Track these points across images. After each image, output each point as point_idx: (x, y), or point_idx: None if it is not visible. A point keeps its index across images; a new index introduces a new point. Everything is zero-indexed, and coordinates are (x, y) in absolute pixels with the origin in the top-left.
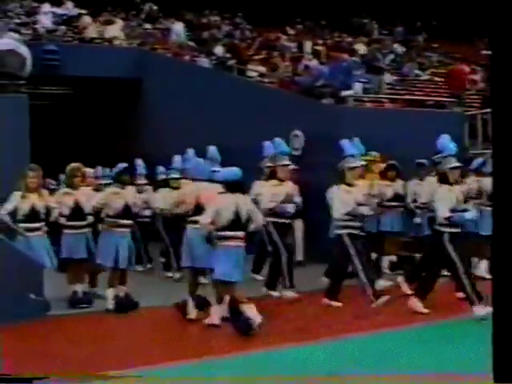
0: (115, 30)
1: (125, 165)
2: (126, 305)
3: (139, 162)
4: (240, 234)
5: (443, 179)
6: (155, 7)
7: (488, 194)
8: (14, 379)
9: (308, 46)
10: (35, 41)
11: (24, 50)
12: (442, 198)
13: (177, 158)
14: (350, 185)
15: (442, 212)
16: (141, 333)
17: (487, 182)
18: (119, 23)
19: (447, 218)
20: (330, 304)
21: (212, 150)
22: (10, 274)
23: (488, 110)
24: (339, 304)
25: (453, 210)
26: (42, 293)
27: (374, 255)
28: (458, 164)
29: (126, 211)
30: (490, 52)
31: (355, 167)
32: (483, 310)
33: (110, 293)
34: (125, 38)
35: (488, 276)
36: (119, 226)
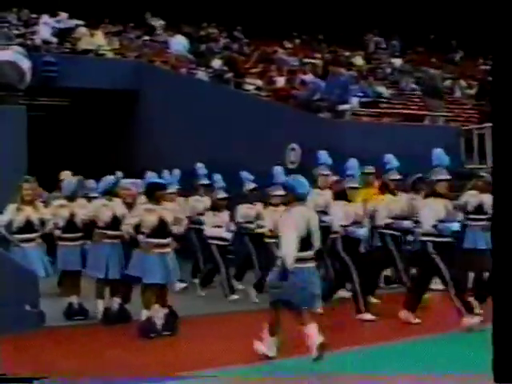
0: (99, 40)
1: (113, 178)
2: (115, 317)
3: (167, 173)
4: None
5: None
6: (163, 22)
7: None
8: (14, 379)
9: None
10: (33, 52)
11: (25, 63)
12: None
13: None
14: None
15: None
16: (132, 344)
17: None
18: (100, 33)
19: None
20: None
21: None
22: (5, 286)
23: (484, 125)
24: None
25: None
26: (38, 304)
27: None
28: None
29: (115, 223)
30: (490, 65)
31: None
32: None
33: (99, 304)
34: (108, 47)
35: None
36: (108, 237)
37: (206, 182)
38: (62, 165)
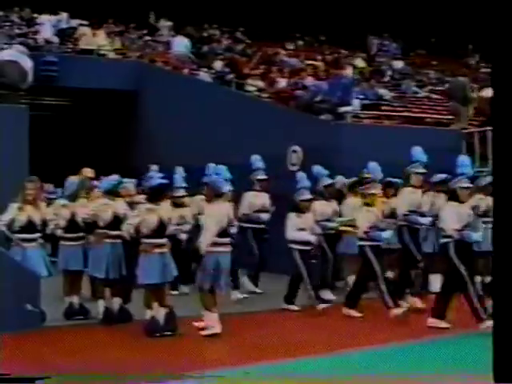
0: (101, 40)
1: (116, 177)
2: (116, 317)
3: (179, 173)
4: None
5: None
6: (170, 23)
7: None
8: (15, 379)
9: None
10: (35, 51)
11: (27, 63)
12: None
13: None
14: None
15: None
16: (133, 344)
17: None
18: (102, 34)
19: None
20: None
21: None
22: (6, 285)
23: (485, 128)
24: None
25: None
26: (38, 304)
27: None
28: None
29: (116, 222)
30: (491, 68)
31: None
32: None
33: (100, 304)
34: (110, 47)
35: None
36: (109, 237)
37: (263, 176)
38: (63, 164)
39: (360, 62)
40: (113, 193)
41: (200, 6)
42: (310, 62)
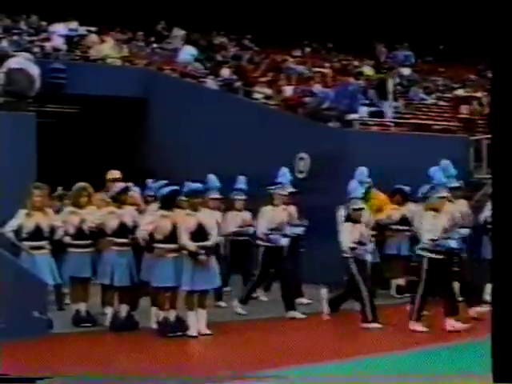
0: (107, 49)
1: (123, 185)
2: (123, 324)
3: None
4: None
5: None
6: (184, 31)
7: None
8: (16, 379)
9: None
10: (42, 59)
11: (34, 70)
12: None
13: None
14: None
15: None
16: (141, 350)
17: None
18: (111, 42)
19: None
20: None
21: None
22: (15, 292)
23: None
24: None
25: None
26: (46, 311)
27: None
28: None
29: (122, 230)
30: (491, 75)
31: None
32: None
33: (108, 311)
34: (118, 55)
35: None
36: (115, 244)
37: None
38: (71, 171)
39: (367, 70)
40: (119, 200)
41: (207, 13)
42: (318, 69)
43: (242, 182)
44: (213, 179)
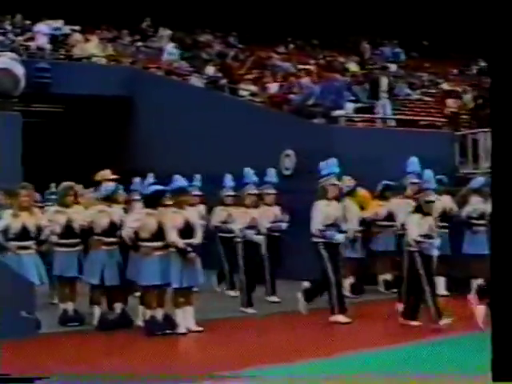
0: (92, 48)
1: (113, 184)
2: (115, 322)
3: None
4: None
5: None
6: (170, 31)
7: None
8: (15, 379)
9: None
10: (27, 58)
11: (19, 70)
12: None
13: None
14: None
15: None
16: (130, 350)
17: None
18: (95, 41)
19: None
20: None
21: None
22: (2, 292)
23: (478, 130)
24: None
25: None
26: (34, 311)
27: None
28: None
29: (112, 229)
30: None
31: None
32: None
33: (96, 310)
34: (102, 54)
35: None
36: (105, 244)
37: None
38: (56, 171)
39: (353, 66)
40: (110, 199)
41: (192, 11)
42: (303, 65)
43: (272, 175)
44: (250, 174)
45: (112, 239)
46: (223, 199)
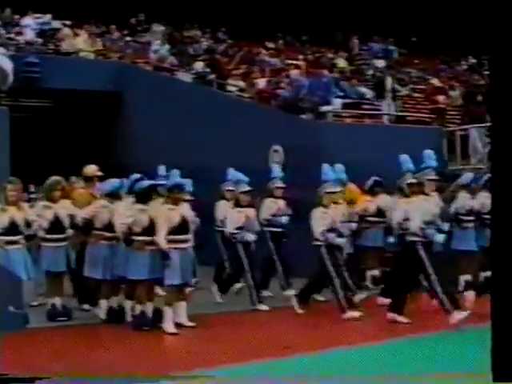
0: (81, 43)
1: (117, 180)
2: (118, 316)
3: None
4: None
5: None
6: (164, 27)
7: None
8: (15, 379)
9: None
10: (15, 53)
11: (7, 64)
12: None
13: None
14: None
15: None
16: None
17: (482, 199)
18: (84, 35)
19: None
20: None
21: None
22: None
23: (467, 127)
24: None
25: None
26: (22, 306)
27: None
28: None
29: (112, 224)
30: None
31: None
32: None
33: (103, 304)
34: (91, 48)
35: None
36: (105, 238)
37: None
38: (45, 166)
39: (341, 61)
40: (114, 195)
41: (181, 6)
42: (292, 61)
43: (277, 171)
44: (277, 170)
45: (113, 234)
46: (273, 191)
